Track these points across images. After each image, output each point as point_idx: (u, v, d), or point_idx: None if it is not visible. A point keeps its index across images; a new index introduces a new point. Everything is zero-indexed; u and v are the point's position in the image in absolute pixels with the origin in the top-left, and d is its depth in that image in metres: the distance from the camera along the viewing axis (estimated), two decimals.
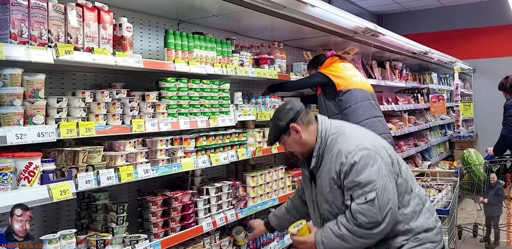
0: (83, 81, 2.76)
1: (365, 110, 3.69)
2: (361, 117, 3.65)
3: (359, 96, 3.70)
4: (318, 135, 2.29)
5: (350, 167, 2.09)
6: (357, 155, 2.11)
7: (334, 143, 2.23)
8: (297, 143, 2.33)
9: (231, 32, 3.98)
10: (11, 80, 1.90)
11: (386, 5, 9.87)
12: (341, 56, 4.01)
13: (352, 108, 3.64)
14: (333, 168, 2.17)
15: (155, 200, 2.62)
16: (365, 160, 2.09)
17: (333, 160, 2.18)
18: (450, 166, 8.18)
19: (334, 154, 2.19)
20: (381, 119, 3.82)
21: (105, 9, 2.35)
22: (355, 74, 3.87)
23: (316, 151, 2.26)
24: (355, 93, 3.69)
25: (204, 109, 2.93)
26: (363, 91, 3.77)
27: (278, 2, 3.12)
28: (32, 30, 1.95)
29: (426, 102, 7.78)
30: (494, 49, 9.75)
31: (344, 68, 3.83)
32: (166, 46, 2.79)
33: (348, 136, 2.26)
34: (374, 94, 3.93)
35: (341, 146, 2.19)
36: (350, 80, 3.75)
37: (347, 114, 3.65)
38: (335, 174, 2.15)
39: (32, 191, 1.87)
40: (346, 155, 2.13)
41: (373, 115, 3.73)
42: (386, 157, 2.19)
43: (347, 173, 2.10)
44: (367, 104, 3.73)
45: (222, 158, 3.00)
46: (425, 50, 6.55)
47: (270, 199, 3.54)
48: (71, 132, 2.03)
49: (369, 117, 3.69)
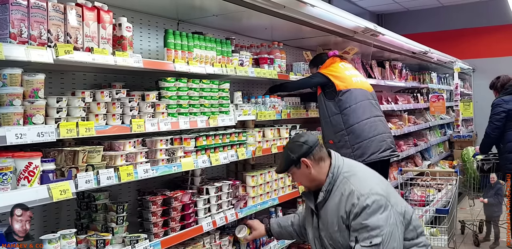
0: (83, 81, 2.76)
1: (365, 109, 3.68)
2: (361, 117, 3.65)
3: (359, 96, 3.70)
4: (330, 171, 2.34)
5: (361, 210, 2.14)
6: (369, 198, 2.16)
7: (346, 182, 2.29)
8: (305, 177, 2.39)
9: (231, 31, 3.98)
10: (10, 80, 1.90)
11: (386, 5, 9.87)
12: (342, 56, 4.01)
13: (352, 108, 3.64)
14: (343, 207, 2.22)
15: (155, 200, 2.62)
16: (376, 205, 2.14)
17: (343, 199, 2.23)
18: (449, 165, 8.18)
19: (346, 193, 2.24)
20: (381, 118, 3.81)
21: (105, 9, 2.35)
22: (354, 74, 3.87)
23: (326, 186, 2.32)
24: (355, 93, 3.69)
25: (204, 109, 2.93)
26: (363, 90, 3.77)
27: (278, 2, 3.12)
28: (31, 30, 1.94)
29: (426, 101, 7.78)
30: (493, 49, 9.76)
31: (343, 68, 3.83)
32: (166, 46, 2.79)
33: (361, 178, 2.32)
34: (374, 93, 3.93)
35: (354, 187, 2.24)
36: (350, 80, 3.75)
37: (347, 114, 3.64)
38: (345, 214, 2.20)
39: (32, 191, 1.87)
40: (359, 197, 2.18)
41: (373, 114, 3.73)
42: (396, 205, 2.24)
43: (357, 214, 2.15)
44: (367, 103, 3.73)
45: (222, 158, 3.00)
46: (425, 50, 6.55)
47: (270, 199, 3.54)
48: (70, 132, 2.03)
49: (369, 116, 3.68)
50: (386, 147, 3.69)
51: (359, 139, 3.62)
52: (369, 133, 3.63)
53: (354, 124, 3.63)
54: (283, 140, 3.73)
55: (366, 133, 3.62)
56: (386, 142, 3.71)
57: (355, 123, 3.63)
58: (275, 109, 3.71)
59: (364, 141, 3.62)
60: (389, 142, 3.74)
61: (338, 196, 2.27)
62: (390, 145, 3.75)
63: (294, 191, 3.83)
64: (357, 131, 3.63)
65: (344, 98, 3.65)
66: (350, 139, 3.65)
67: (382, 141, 3.68)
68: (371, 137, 3.63)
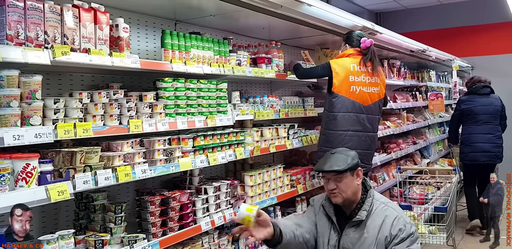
0: (80, 82, 2.76)
1: (346, 121, 3.51)
2: (339, 127, 3.51)
3: (344, 107, 3.50)
4: (369, 193, 2.50)
5: (408, 236, 2.35)
6: (413, 227, 2.40)
7: (387, 208, 2.46)
8: (352, 187, 2.46)
9: (228, 31, 3.99)
10: (8, 81, 1.91)
11: (384, 3, 9.86)
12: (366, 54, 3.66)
13: (334, 115, 3.52)
14: (387, 230, 2.37)
15: (153, 200, 2.63)
16: (416, 235, 2.41)
17: (388, 222, 2.39)
18: (449, 163, 8.19)
19: (391, 217, 2.40)
20: (359, 134, 3.55)
21: (102, 10, 2.35)
22: (358, 82, 3.54)
23: (368, 205, 2.45)
24: (342, 102, 3.50)
25: (202, 109, 2.93)
26: (353, 102, 3.52)
27: (275, 2, 3.12)
28: (28, 32, 1.95)
29: (425, 100, 7.77)
30: (492, 47, 9.74)
31: (351, 72, 3.53)
32: (163, 46, 2.80)
33: (398, 207, 2.54)
34: (371, 107, 3.62)
35: (399, 214, 2.43)
36: (347, 86, 3.51)
37: (330, 118, 3.55)
38: (390, 236, 2.36)
39: (30, 192, 1.88)
40: (405, 224, 2.38)
41: (353, 129, 3.52)
42: None
43: (402, 240, 2.35)
44: (350, 116, 3.52)
45: (220, 158, 3.01)
46: (423, 48, 6.55)
47: (268, 198, 3.55)
48: (68, 133, 2.04)
49: (347, 129, 3.51)
50: None
51: (328, 144, 3.52)
52: (339, 144, 3.45)
53: (330, 130, 3.54)
54: (281, 140, 3.73)
55: (337, 143, 3.47)
56: None
57: (331, 130, 3.53)
58: (273, 108, 3.72)
59: (331, 149, 3.23)
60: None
61: (381, 219, 2.41)
62: None
63: (293, 190, 3.84)
64: (330, 137, 3.54)
65: (333, 101, 3.52)
66: (322, 140, 3.64)
67: None
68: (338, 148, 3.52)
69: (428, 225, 4.69)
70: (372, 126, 3.66)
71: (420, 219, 4.86)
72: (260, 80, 4.28)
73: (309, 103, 4.27)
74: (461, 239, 5.49)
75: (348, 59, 3.62)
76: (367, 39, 3.70)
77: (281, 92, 4.78)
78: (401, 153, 6.04)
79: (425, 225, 4.71)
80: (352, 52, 3.67)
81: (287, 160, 4.71)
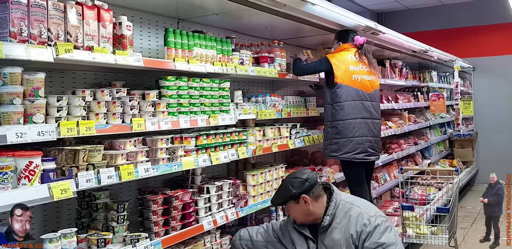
0: (83, 79, 2.75)
1: (353, 109, 3.65)
2: (348, 116, 3.64)
3: (350, 96, 3.65)
4: (332, 197, 2.58)
5: (373, 229, 2.39)
6: (378, 219, 2.44)
7: (351, 206, 2.53)
8: (302, 212, 2.59)
9: (231, 30, 3.98)
10: (11, 79, 1.90)
11: (386, 4, 9.85)
12: (360, 47, 3.85)
13: (342, 104, 3.64)
14: (353, 228, 2.43)
15: (155, 199, 2.62)
16: (385, 225, 2.42)
17: (352, 220, 2.46)
18: (450, 164, 8.18)
19: (354, 215, 2.47)
20: (368, 121, 3.73)
21: (105, 8, 2.34)
22: (358, 71, 3.73)
23: (332, 210, 2.53)
24: (348, 91, 3.65)
25: (204, 108, 2.92)
26: (357, 90, 3.69)
27: (279, 0, 3.11)
28: (31, 29, 1.94)
29: (426, 100, 7.77)
30: (494, 47, 9.73)
31: (349, 62, 3.73)
32: (166, 45, 2.78)
33: (363, 203, 2.60)
34: (373, 94, 3.82)
35: (362, 210, 2.50)
36: (349, 76, 3.68)
37: (336, 109, 3.66)
38: (355, 233, 2.42)
39: (32, 190, 1.86)
40: (368, 218, 2.44)
41: (360, 116, 3.67)
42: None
43: (369, 234, 2.37)
44: (357, 104, 3.67)
45: (223, 157, 3.00)
46: (425, 49, 6.54)
47: (270, 198, 3.53)
48: (71, 131, 2.03)
49: (356, 117, 3.64)
50: (361, 150, 3.67)
51: (339, 135, 3.65)
52: (350, 133, 3.62)
53: (339, 120, 3.65)
54: (283, 139, 3.73)
55: (347, 132, 3.62)
56: (364, 145, 3.67)
57: (340, 120, 3.64)
58: (275, 108, 3.71)
59: (343, 139, 3.64)
60: (366, 146, 3.69)
61: (346, 219, 2.48)
62: (367, 149, 3.70)
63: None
64: (340, 127, 3.64)
65: (337, 91, 3.65)
66: (331, 133, 3.70)
67: (360, 144, 3.66)
68: (351, 137, 3.63)
69: (430, 226, 4.68)
70: (377, 112, 3.86)
71: (422, 220, 4.85)
72: (262, 80, 4.27)
73: (311, 102, 4.27)
74: (462, 240, 5.48)
75: (344, 52, 3.81)
76: (360, 37, 3.90)
77: (283, 92, 4.77)
78: (402, 154, 6.03)
79: (427, 225, 4.70)
80: (346, 46, 3.87)
81: (288, 160, 4.69)
